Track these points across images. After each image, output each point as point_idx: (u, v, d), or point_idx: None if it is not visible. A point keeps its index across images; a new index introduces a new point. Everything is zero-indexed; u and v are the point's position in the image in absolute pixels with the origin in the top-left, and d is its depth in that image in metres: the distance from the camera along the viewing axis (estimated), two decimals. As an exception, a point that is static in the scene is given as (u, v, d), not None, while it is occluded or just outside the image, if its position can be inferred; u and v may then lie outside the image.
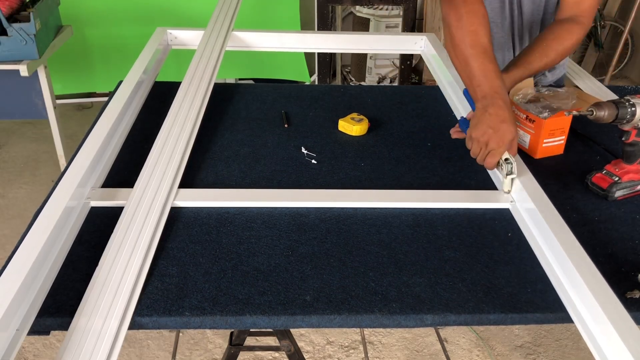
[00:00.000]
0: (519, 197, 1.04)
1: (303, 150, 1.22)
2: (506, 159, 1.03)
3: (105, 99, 1.51)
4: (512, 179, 1.05)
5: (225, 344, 2.03)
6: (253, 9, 2.98)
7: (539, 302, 0.85)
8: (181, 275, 0.87)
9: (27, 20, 2.08)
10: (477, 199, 1.07)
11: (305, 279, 0.87)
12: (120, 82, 1.36)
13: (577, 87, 1.57)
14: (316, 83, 3.44)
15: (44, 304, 0.80)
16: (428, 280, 0.88)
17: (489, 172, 1.17)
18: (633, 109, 1.01)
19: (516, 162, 1.04)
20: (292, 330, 1.41)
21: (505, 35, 1.48)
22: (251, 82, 3.35)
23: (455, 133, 1.25)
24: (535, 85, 1.29)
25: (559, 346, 2.14)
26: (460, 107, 1.38)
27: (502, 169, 1.04)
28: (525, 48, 1.31)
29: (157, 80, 1.51)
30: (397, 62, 3.58)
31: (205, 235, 0.95)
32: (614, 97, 1.45)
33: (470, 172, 1.17)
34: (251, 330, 1.38)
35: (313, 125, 1.34)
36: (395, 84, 3.67)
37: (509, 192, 1.07)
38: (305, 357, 1.62)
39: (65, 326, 0.76)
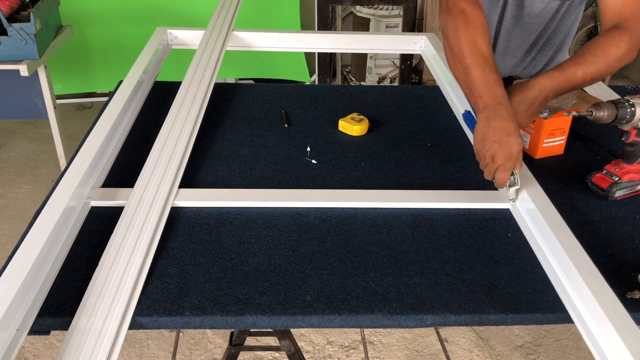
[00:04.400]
0: (519, 197, 1.04)
1: (308, 149, 1.22)
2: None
3: (105, 99, 1.51)
4: (517, 190, 1.03)
5: (225, 344, 2.03)
6: (253, 8, 2.98)
7: (539, 302, 0.85)
8: (181, 275, 0.87)
9: (27, 20, 2.08)
10: (477, 199, 1.07)
11: (306, 279, 0.87)
12: (120, 82, 1.36)
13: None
14: (316, 83, 3.44)
15: (44, 304, 0.80)
16: (428, 281, 0.88)
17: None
18: (633, 109, 1.01)
19: (519, 174, 1.01)
20: (292, 330, 1.41)
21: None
22: (251, 82, 3.35)
23: None
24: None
25: (559, 346, 2.14)
26: (460, 107, 1.38)
27: None
28: (568, 59, 1.17)
29: (157, 80, 1.51)
30: (397, 62, 3.58)
31: (206, 235, 0.95)
32: (614, 96, 1.45)
33: (470, 172, 1.17)
34: (251, 330, 1.38)
35: (313, 125, 1.34)
36: (395, 84, 3.67)
37: (514, 200, 1.04)
38: (306, 357, 1.62)
39: (65, 326, 0.76)
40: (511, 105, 1.07)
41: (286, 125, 1.33)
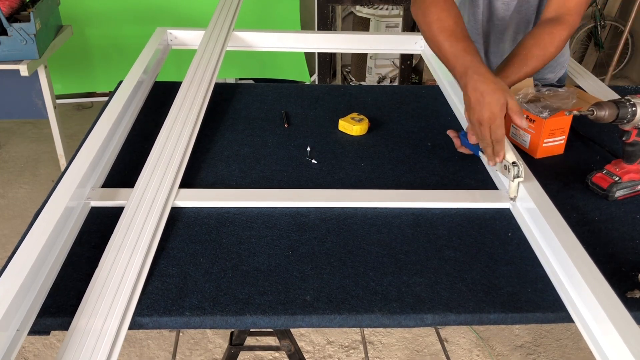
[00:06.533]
0: (520, 197, 1.04)
1: (308, 149, 1.22)
2: (513, 162, 1.00)
3: (105, 99, 1.51)
4: (519, 183, 1.03)
5: (225, 344, 2.03)
6: (253, 9, 2.98)
7: (540, 301, 0.85)
8: (181, 275, 0.87)
9: (27, 20, 2.08)
10: (477, 198, 1.07)
11: (306, 278, 0.87)
12: (120, 82, 1.36)
13: (578, 86, 1.57)
14: (316, 83, 3.44)
15: (44, 304, 0.80)
16: (428, 280, 0.88)
17: (490, 171, 1.16)
18: (634, 108, 1.01)
19: (524, 166, 1.01)
20: (292, 330, 1.41)
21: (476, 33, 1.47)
22: (251, 82, 3.35)
23: (459, 147, 1.21)
24: (536, 85, 1.28)
25: (559, 346, 2.14)
26: (460, 107, 1.38)
27: (508, 172, 1.02)
28: (505, 58, 1.23)
29: (157, 80, 1.51)
30: (397, 62, 3.58)
31: (206, 235, 0.95)
32: (615, 96, 1.45)
33: (470, 172, 1.17)
34: (251, 330, 1.39)
35: (313, 125, 1.34)
36: (395, 83, 3.67)
37: (514, 198, 1.04)
38: (306, 357, 1.62)
39: (65, 326, 0.76)
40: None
41: (286, 125, 1.33)
